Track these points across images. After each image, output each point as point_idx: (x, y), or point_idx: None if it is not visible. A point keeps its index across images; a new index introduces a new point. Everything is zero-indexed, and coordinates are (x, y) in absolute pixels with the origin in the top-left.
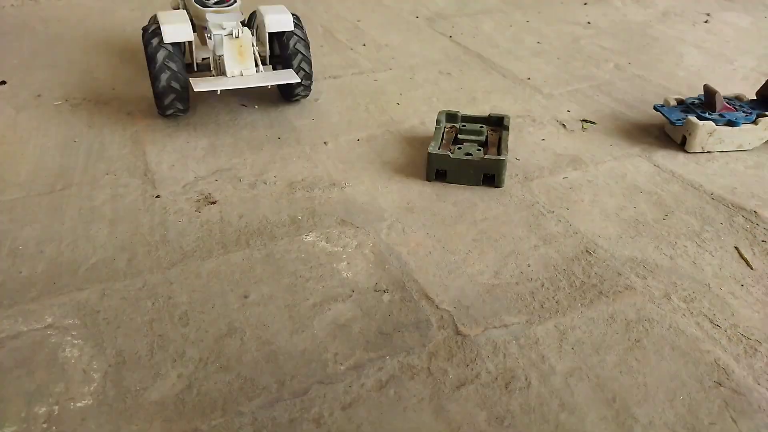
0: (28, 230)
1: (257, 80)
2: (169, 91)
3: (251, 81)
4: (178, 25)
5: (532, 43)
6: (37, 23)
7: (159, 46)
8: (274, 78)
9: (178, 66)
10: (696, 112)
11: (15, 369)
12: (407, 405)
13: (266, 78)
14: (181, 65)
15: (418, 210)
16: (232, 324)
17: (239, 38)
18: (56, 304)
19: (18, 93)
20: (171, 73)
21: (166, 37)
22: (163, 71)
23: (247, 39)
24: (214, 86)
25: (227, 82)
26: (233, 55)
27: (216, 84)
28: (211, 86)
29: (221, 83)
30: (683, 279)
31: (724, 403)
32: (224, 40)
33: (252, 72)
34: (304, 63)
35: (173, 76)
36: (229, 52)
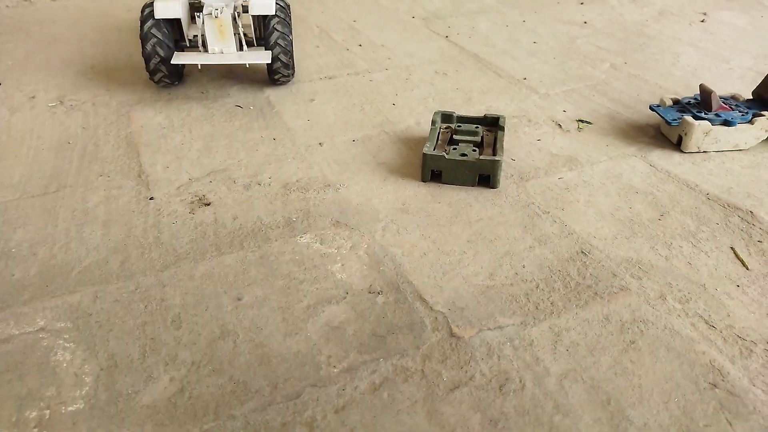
0: (20, 232)
1: (233, 58)
2: (153, 55)
3: (227, 58)
4: (168, 3)
5: (528, 43)
6: (31, 24)
7: (148, 17)
8: (249, 57)
9: (163, 35)
10: (692, 112)
11: (6, 373)
12: (401, 408)
13: (242, 56)
14: (168, 36)
15: (413, 211)
16: (225, 327)
17: (219, 18)
18: (48, 307)
19: (12, 94)
20: (156, 39)
21: (156, 13)
22: (149, 38)
23: (227, 19)
24: (192, 60)
25: (206, 57)
26: (214, 34)
27: (195, 58)
28: (189, 59)
29: (200, 58)
30: (678, 280)
31: (719, 404)
32: (205, 19)
33: (232, 51)
34: (281, 40)
35: (158, 43)
36: (210, 30)
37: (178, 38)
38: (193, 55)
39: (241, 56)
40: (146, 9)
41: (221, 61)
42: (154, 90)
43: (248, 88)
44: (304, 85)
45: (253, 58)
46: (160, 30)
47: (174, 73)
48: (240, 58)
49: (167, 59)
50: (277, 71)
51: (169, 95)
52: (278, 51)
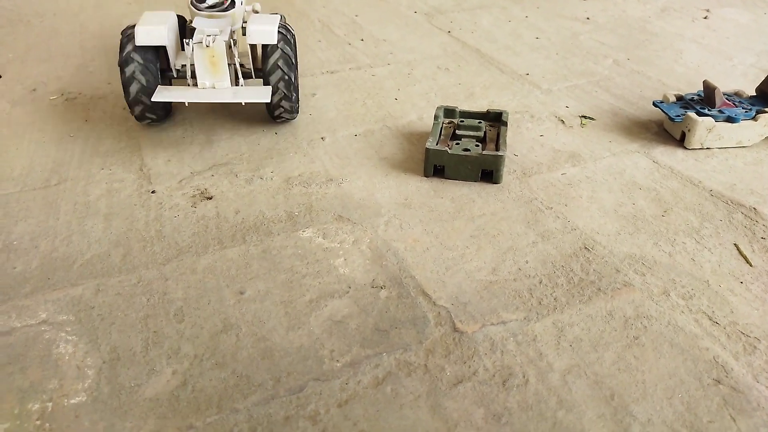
0: (22, 225)
1: (226, 96)
2: (138, 103)
3: (219, 96)
4: (153, 28)
5: (531, 39)
6: (32, 17)
7: (130, 56)
8: (246, 95)
9: (148, 77)
10: (695, 108)
11: (8, 365)
12: (404, 402)
13: (237, 94)
14: (153, 73)
15: (415, 206)
16: (228, 320)
17: (210, 48)
18: (50, 299)
19: (13, 87)
20: (135, 65)
21: (137, 39)
22: (129, 63)
23: (219, 49)
24: (176, 97)
25: (194, 93)
26: (205, 66)
27: (180, 95)
28: (173, 96)
29: (187, 94)
30: (682, 276)
31: (723, 400)
32: (195, 48)
33: (225, 85)
34: (282, 83)
35: (138, 68)
36: (200, 61)
37: (164, 67)
38: (179, 90)
39: (235, 93)
40: (127, 38)
41: (212, 99)
42: None
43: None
44: (306, 79)
45: (250, 96)
46: (141, 57)
47: (159, 107)
48: (235, 95)
49: (150, 92)
50: (280, 115)
51: None
52: (280, 96)
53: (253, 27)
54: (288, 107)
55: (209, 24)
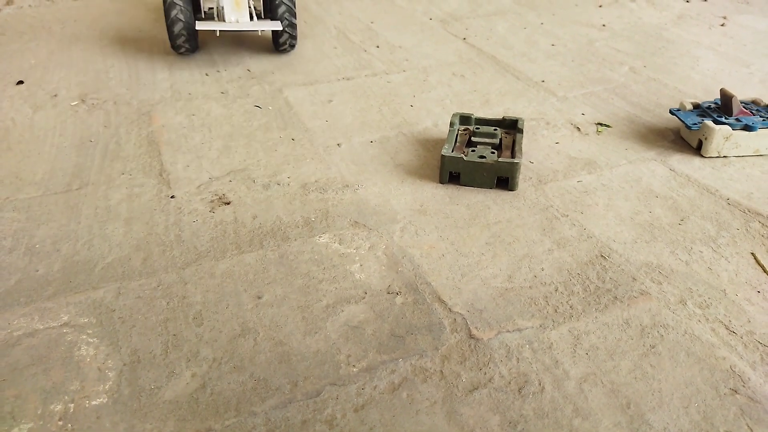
0: (44, 229)
1: (247, 26)
2: (176, 23)
3: (242, 26)
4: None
5: (547, 46)
6: (53, 23)
7: (173, 1)
8: (261, 25)
9: (185, 4)
10: (712, 116)
11: (31, 366)
12: (420, 408)
13: (255, 24)
14: (188, 6)
15: (431, 212)
16: (246, 324)
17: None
18: (72, 302)
19: (35, 92)
20: (178, 8)
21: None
22: (173, 7)
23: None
24: (212, 27)
25: (224, 25)
26: (231, 5)
27: (214, 25)
28: (210, 26)
29: (219, 26)
30: (699, 285)
31: (740, 410)
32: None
33: (246, 20)
34: (288, 13)
35: (180, 10)
36: (227, 2)
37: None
38: (212, 23)
39: (254, 24)
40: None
41: (237, 28)
42: (175, 90)
43: (267, 88)
44: (322, 86)
45: (265, 26)
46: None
47: (193, 40)
48: (253, 25)
49: (189, 26)
50: (284, 43)
51: (190, 95)
52: (285, 23)
53: None
54: (292, 33)
55: None
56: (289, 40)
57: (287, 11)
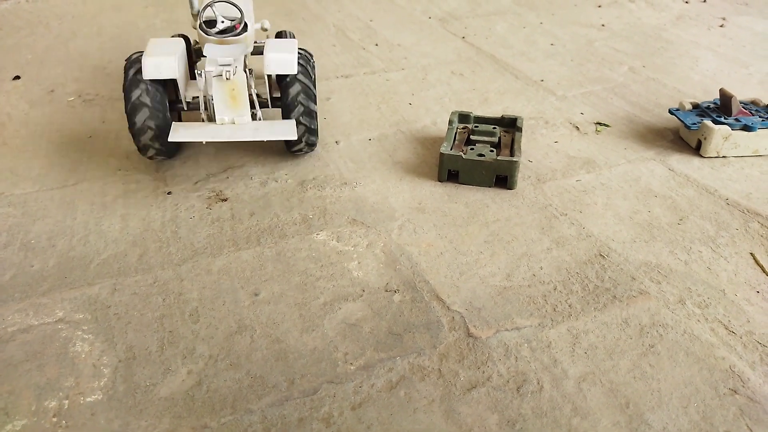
0: (40, 224)
1: (247, 133)
2: (144, 131)
3: (241, 134)
4: (162, 59)
5: (546, 45)
6: (51, 19)
7: (135, 80)
8: (269, 132)
9: (156, 102)
10: (711, 117)
11: (25, 362)
12: (417, 406)
13: (258, 131)
14: (162, 101)
15: (429, 210)
16: (243, 321)
17: (231, 81)
18: (67, 298)
19: (31, 88)
20: (148, 111)
21: (145, 72)
22: (138, 110)
23: (240, 82)
24: (195, 136)
25: (213, 131)
26: (224, 100)
27: (198, 133)
28: (191, 135)
29: (205, 132)
30: (698, 284)
31: (740, 410)
32: (214, 82)
33: (246, 120)
34: (305, 117)
35: (150, 116)
36: (219, 95)
37: (172, 99)
38: (195, 128)
39: (257, 129)
40: (131, 68)
41: (232, 138)
42: None
43: None
44: (321, 83)
45: (274, 134)
46: (151, 96)
47: (170, 145)
48: (256, 132)
49: (163, 132)
50: (300, 149)
51: None
52: (302, 130)
53: (272, 55)
54: (310, 141)
55: (221, 51)
56: (305, 148)
57: (303, 115)
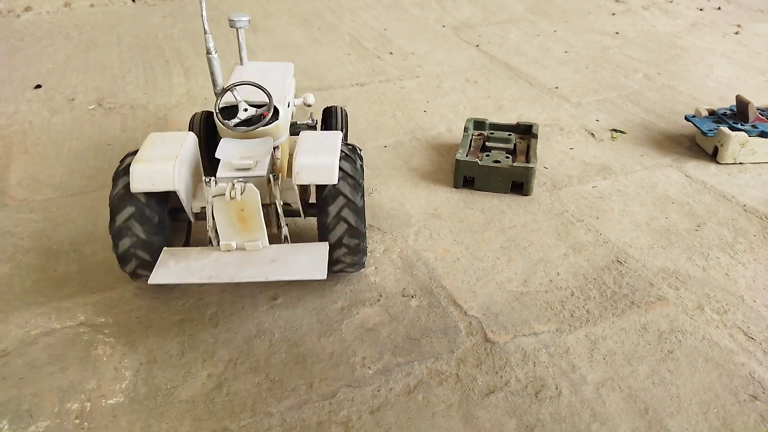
0: (62, 230)
1: (258, 272)
2: (130, 259)
3: (248, 272)
4: (156, 167)
5: (560, 53)
6: (71, 29)
7: (124, 195)
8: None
9: (148, 225)
10: (728, 123)
11: (48, 365)
12: (436, 411)
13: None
14: (156, 222)
15: (445, 216)
16: (261, 325)
17: (238, 201)
18: (89, 302)
19: (52, 96)
20: (132, 238)
21: (133, 184)
22: (124, 234)
23: (252, 201)
24: (183, 277)
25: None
26: (230, 223)
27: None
28: (178, 277)
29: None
30: (716, 291)
31: (761, 417)
32: (214, 202)
33: (260, 245)
34: (349, 237)
35: (140, 242)
36: (224, 217)
37: (177, 205)
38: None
39: (273, 263)
40: (120, 179)
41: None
42: (191, 95)
43: None
44: (336, 91)
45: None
46: (140, 217)
47: None
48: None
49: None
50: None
51: (205, 100)
52: (343, 252)
53: (303, 159)
54: (352, 261)
55: (240, 149)
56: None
57: (348, 233)
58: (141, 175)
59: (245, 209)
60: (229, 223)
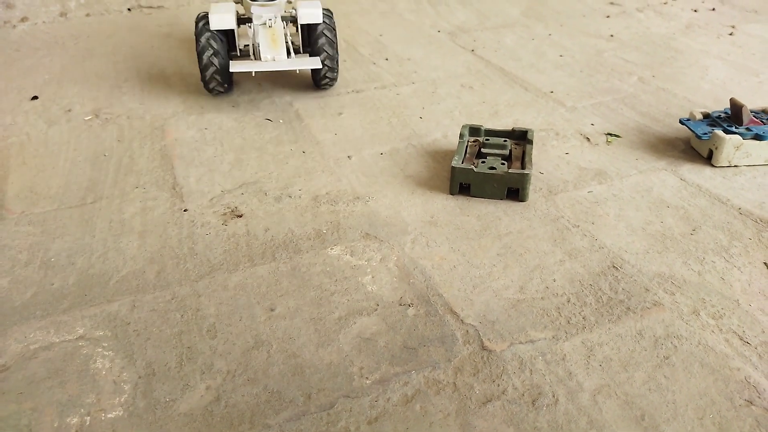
0: (59, 242)
1: (285, 65)
2: (210, 66)
3: (280, 65)
4: (223, 15)
5: (555, 57)
6: (67, 39)
7: (204, 29)
8: (300, 63)
9: (219, 46)
10: (722, 126)
11: (47, 379)
12: (433, 420)
13: (293, 63)
14: (222, 47)
15: (441, 224)
16: (259, 337)
17: (272, 28)
18: (87, 315)
19: (49, 107)
20: (212, 50)
21: (211, 24)
22: (206, 50)
23: (279, 28)
24: (247, 67)
25: (260, 65)
26: (267, 42)
27: (250, 66)
28: (245, 67)
29: (254, 66)
30: (712, 295)
31: (756, 422)
32: (259, 29)
33: (283, 58)
34: (327, 46)
35: (214, 54)
36: (263, 39)
37: (229, 48)
38: (247, 63)
39: (292, 62)
40: (201, 21)
41: (274, 68)
42: (188, 104)
43: (277, 101)
44: (332, 98)
45: (304, 64)
46: (216, 41)
47: (227, 80)
48: (291, 64)
49: (222, 68)
50: (325, 77)
51: (202, 109)
52: (325, 56)
53: (303, 10)
54: (332, 76)
55: (265, 11)
56: (329, 74)
57: (327, 44)
58: (216, 19)
59: (275, 33)
60: (266, 43)
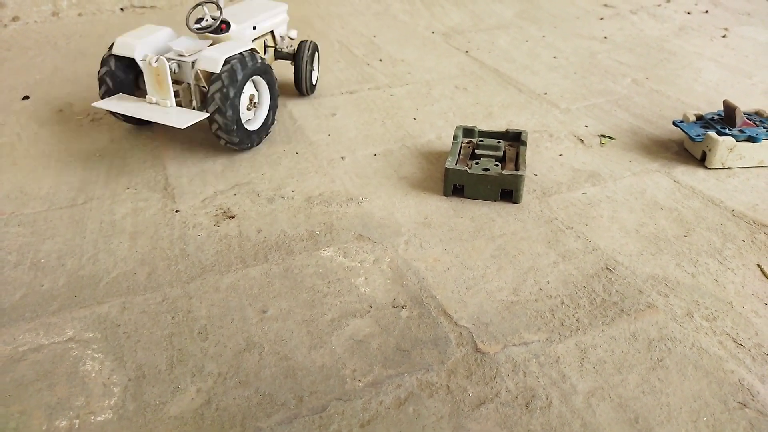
0: (49, 243)
1: (158, 115)
2: (102, 83)
3: (153, 113)
4: (128, 40)
5: (549, 58)
6: (59, 39)
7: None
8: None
9: (117, 70)
10: (716, 128)
11: (36, 382)
12: (426, 423)
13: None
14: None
15: (435, 225)
16: (251, 339)
17: (156, 67)
18: (77, 317)
19: (40, 108)
20: (108, 70)
21: (114, 48)
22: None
23: (163, 69)
24: (113, 107)
25: (134, 107)
26: (151, 83)
27: (120, 105)
28: (110, 106)
29: (126, 106)
30: (705, 297)
31: (750, 424)
32: (142, 65)
33: (168, 105)
34: (218, 115)
35: (109, 74)
36: (148, 78)
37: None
38: (123, 102)
39: (163, 113)
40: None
41: (145, 116)
42: None
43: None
44: (326, 99)
45: (169, 119)
46: (113, 64)
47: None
48: (165, 116)
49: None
50: (220, 137)
51: None
52: (216, 127)
53: (205, 53)
54: (229, 140)
55: (188, 45)
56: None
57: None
58: (120, 43)
59: (159, 75)
60: (150, 83)
